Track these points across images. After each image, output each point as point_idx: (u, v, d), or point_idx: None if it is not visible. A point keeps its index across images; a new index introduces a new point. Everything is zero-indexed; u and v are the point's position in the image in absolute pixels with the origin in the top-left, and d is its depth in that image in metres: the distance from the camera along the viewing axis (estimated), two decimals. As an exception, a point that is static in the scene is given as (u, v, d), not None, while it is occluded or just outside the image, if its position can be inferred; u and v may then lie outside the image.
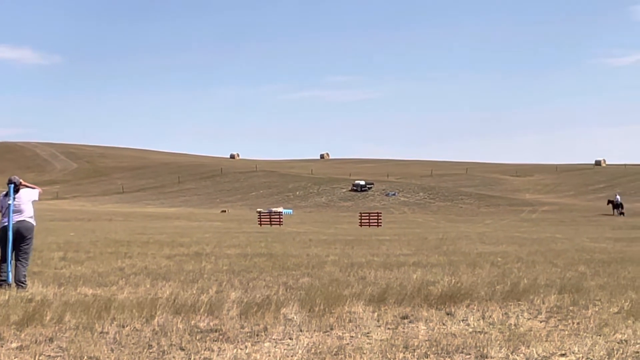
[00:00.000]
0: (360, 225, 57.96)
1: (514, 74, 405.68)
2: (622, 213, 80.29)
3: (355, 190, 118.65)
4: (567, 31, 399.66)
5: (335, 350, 8.96)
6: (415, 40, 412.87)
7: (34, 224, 14.96)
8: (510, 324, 10.88)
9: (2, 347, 9.01)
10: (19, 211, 14.69)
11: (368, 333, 10.11)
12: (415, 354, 8.84)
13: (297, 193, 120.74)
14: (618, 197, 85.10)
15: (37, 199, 15.17)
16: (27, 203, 14.87)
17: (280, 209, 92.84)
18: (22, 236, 14.60)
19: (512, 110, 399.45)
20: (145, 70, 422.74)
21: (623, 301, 12.84)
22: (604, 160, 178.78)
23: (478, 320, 11.14)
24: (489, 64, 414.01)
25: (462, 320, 11.16)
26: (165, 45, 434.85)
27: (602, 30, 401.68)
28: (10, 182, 14.86)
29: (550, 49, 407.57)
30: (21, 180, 15.02)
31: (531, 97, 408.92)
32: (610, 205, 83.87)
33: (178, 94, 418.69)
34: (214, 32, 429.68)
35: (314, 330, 10.23)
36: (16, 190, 14.79)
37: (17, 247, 14.54)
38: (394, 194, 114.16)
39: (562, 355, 8.86)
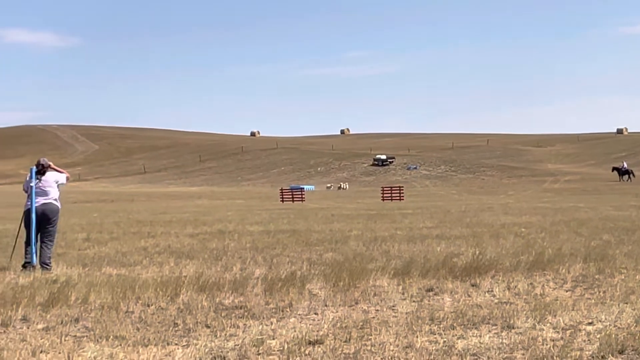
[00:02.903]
0: (383, 200, 57.84)
1: (533, 43, 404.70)
2: (629, 178, 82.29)
3: (377, 165, 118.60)
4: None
5: (361, 324, 8.93)
6: (431, 12, 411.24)
7: (59, 206, 14.94)
8: (536, 293, 10.83)
9: (28, 328, 9.03)
10: (44, 193, 14.66)
11: (393, 306, 10.08)
12: (442, 325, 8.81)
13: (319, 169, 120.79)
14: (625, 164, 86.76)
15: (64, 182, 15.08)
16: (53, 186, 14.81)
17: (344, 184, 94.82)
18: (47, 218, 14.60)
19: (532, 81, 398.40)
20: (163, 49, 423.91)
21: (649, 268, 12.77)
22: (626, 129, 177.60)
23: (503, 290, 11.10)
24: (508, 35, 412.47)
25: (488, 291, 11.12)
26: (183, 24, 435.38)
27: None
28: (37, 164, 14.87)
29: (570, 18, 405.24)
30: (50, 163, 15.00)
31: (551, 67, 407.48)
32: (616, 172, 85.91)
33: (198, 73, 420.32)
34: (233, 10, 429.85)
35: (339, 305, 10.21)
36: (42, 173, 14.78)
37: (42, 229, 14.54)
38: (415, 168, 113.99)
39: (589, 323, 8.80)
